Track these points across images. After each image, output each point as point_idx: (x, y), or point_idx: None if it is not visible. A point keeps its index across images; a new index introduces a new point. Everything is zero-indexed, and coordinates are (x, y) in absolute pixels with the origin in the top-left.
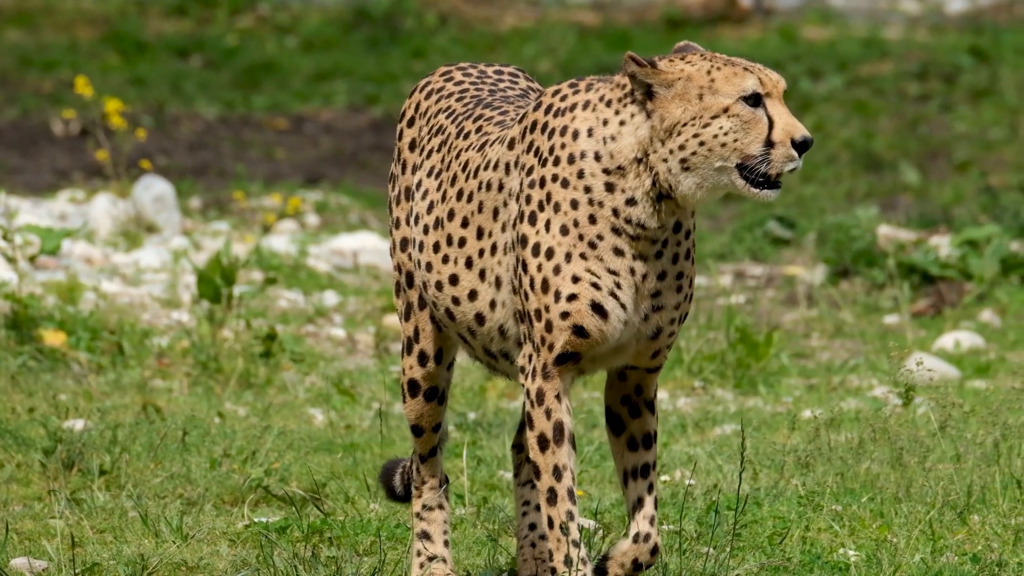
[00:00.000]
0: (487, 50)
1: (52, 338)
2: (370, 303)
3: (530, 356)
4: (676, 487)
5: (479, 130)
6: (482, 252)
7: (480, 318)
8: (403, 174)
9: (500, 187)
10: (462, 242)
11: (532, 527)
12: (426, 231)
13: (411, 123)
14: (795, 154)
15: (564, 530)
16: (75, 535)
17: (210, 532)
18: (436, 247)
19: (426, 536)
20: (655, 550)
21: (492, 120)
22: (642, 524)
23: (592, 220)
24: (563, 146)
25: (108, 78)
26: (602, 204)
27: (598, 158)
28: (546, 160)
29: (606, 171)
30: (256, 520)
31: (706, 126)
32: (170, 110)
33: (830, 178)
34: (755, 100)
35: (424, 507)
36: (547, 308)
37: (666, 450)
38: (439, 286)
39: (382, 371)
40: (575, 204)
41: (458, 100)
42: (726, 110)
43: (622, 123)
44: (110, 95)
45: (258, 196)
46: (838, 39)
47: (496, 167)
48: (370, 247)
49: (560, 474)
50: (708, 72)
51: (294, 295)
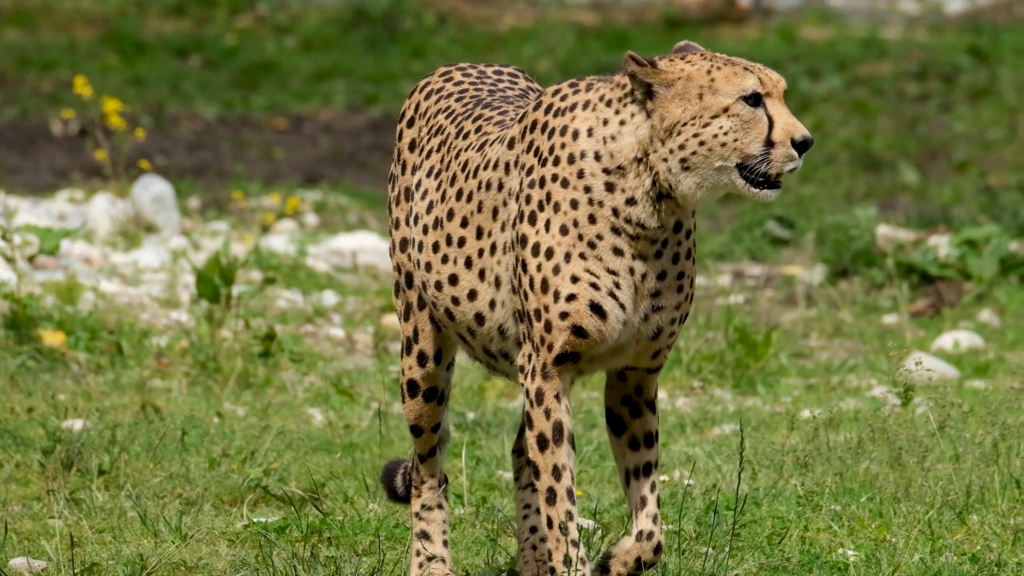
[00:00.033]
0: (486, 50)
1: (51, 338)
2: (369, 303)
3: (529, 356)
4: (675, 487)
5: (479, 130)
6: (481, 252)
7: (480, 318)
8: (403, 175)
9: (500, 186)
10: (461, 242)
11: (533, 530)
12: (425, 231)
13: (411, 124)
14: (795, 154)
15: (563, 530)
16: (74, 535)
17: (209, 532)
18: (435, 247)
19: (425, 536)
20: (658, 548)
21: (492, 120)
22: (645, 522)
23: (592, 220)
24: (563, 146)
25: (107, 78)
26: (602, 204)
27: (598, 158)
28: (546, 160)
29: (606, 171)
30: (255, 520)
31: (706, 126)
32: (169, 110)
33: (829, 178)
34: (755, 100)
35: (423, 507)
36: (546, 308)
37: (665, 450)
38: (438, 286)
39: (381, 371)
40: (575, 204)
41: (457, 100)
42: (726, 110)
43: (622, 123)
44: (109, 95)
45: (257, 196)
46: (837, 39)
47: (496, 166)
48: (369, 247)
49: (559, 474)
50: (708, 72)
51: (293, 295)
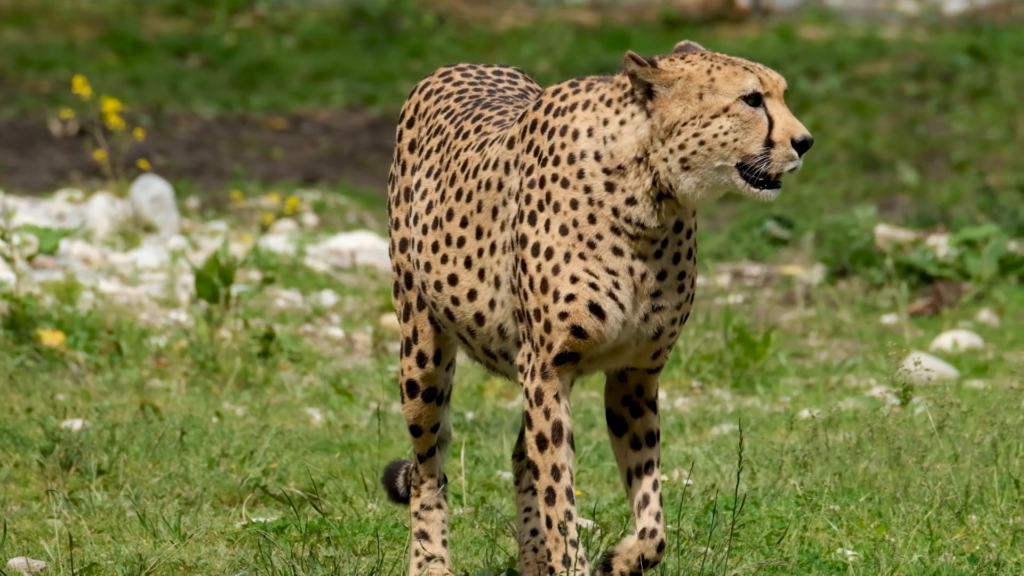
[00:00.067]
0: (485, 50)
1: (50, 338)
2: (368, 303)
3: (529, 356)
4: (674, 487)
5: (478, 130)
6: (481, 251)
7: (479, 318)
8: (402, 175)
9: (499, 186)
10: (461, 242)
11: (534, 533)
12: (425, 231)
13: (410, 124)
14: (795, 154)
15: (562, 529)
16: (73, 535)
17: (208, 532)
18: (435, 247)
19: (424, 536)
20: (661, 546)
21: (491, 120)
22: (648, 520)
23: (592, 220)
24: (563, 146)
25: (106, 78)
26: (602, 204)
27: (598, 158)
28: (546, 160)
29: (606, 171)
30: (254, 520)
31: (706, 125)
32: (168, 110)
33: (828, 178)
34: (755, 100)
35: (422, 506)
36: (546, 308)
37: (664, 450)
38: (438, 286)
39: (380, 371)
40: (575, 204)
41: (457, 100)
42: (726, 109)
43: (622, 122)
44: (108, 95)
45: (256, 196)
46: (836, 39)
47: (495, 166)
48: (368, 247)
49: (558, 474)
50: (708, 71)
51: (292, 295)
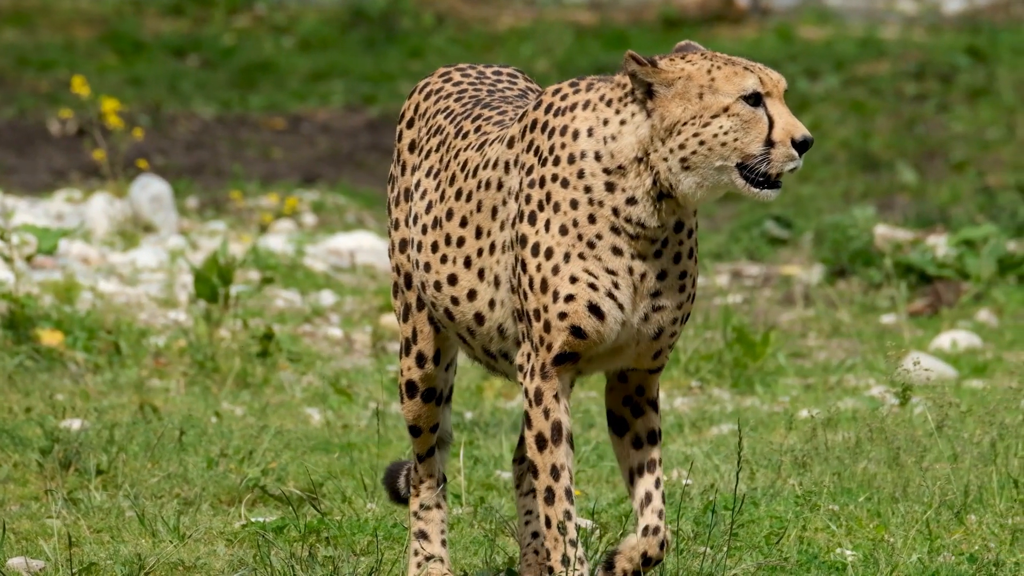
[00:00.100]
0: (484, 50)
1: (49, 338)
2: (367, 303)
3: (528, 355)
4: (673, 487)
5: (478, 130)
6: (481, 251)
7: (479, 318)
8: (402, 175)
9: (499, 186)
10: (461, 241)
11: (535, 535)
12: (424, 231)
13: (410, 124)
14: (795, 153)
15: (561, 529)
16: (72, 535)
17: (207, 532)
18: (435, 247)
19: (423, 536)
20: (664, 544)
21: (491, 120)
22: (651, 518)
23: (592, 220)
24: (563, 146)
25: (105, 78)
26: (602, 204)
27: (598, 158)
28: (546, 159)
29: (606, 171)
30: (253, 520)
31: (706, 125)
32: (167, 110)
33: (827, 178)
34: (755, 99)
35: (421, 506)
36: (545, 308)
37: (663, 450)
38: (438, 286)
39: (379, 371)
40: (575, 204)
41: (456, 100)
42: (726, 109)
43: (622, 122)
44: (107, 95)
45: (255, 196)
46: (835, 39)
47: (495, 166)
48: (367, 247)
49: (558, 473)
50: (708, 71)
51: (291, 295)
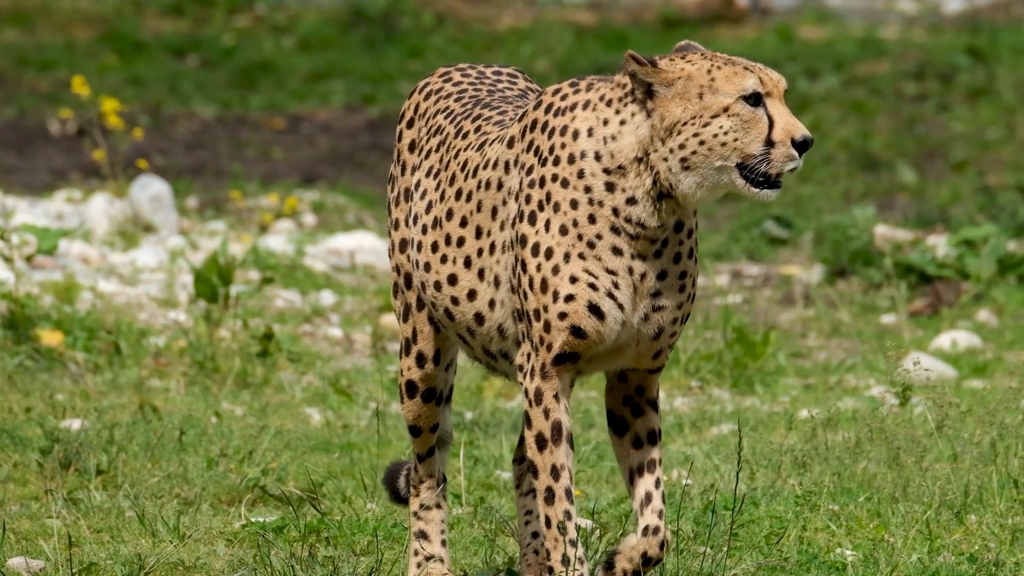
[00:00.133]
0: (484, 50)
1: (49, 338)
2: (367, 303)
3: (528, 355)
4: (673, 487)
5: (478, 130)
6: (481, 251)
7: (479, 318)
8: (402, 175)
9: (499, 186)
10: (461, 241)
11: (535, 535)
12: (424, 231)
13: (410, 124)
14: (795, 154)
15: (561, 529)
16: (72, 535)
17: (207, 532)
18: (435, 247)
19: (423, 536)
20: (664, 544)
21: (491, 120)
22: (651, 518)
23: (591, 220)
24: (563, 146)
25: (105, 78)
26: (602, 204)
27: (598, 158)
28: (546, 159)
29: (606, 171)
30: (253, 520)
31: (706, 125)
32: (167, 110)
33: (827, 178)
34: (755, 99)
35: (422, 506)
36: (545, 308)
37: (663, 450)
38: (438, 286)
39: (379, 370)
40: (575, 204)
41: (456, 100)
42: (726, 109)
43: (622, 122)
44: (107, 95)
45: (255, 196)
46: (835, 39)
47: (495, 166)
48: (367, 247)
49: (558, 473)
50: (708, 71)
51: (291, 295)
